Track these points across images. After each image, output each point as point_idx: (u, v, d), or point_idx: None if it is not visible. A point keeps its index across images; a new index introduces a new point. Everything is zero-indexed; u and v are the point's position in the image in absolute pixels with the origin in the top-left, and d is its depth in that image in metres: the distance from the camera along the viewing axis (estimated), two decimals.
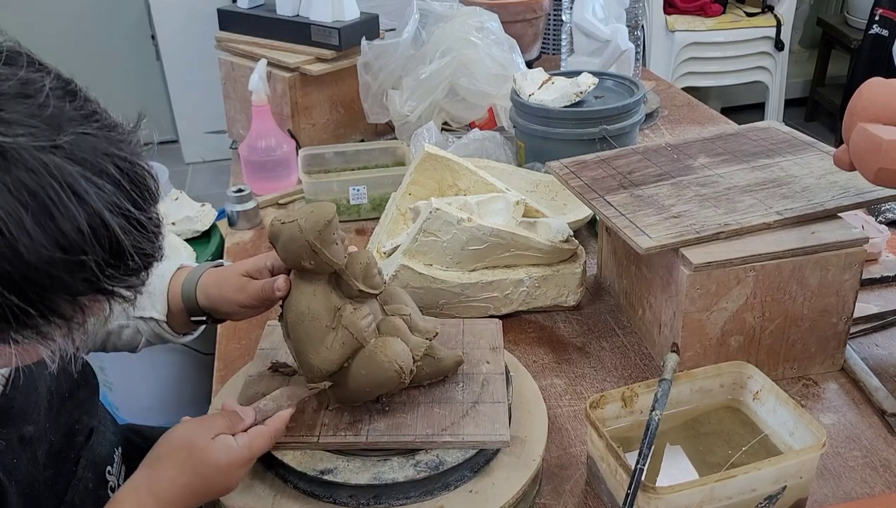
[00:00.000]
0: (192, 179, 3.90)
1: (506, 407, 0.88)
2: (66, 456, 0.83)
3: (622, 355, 1.14)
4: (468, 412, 0.87)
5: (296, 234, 0.82)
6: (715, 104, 3.95)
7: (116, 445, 0.95)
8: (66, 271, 0.56)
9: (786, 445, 0.88)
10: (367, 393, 0.86)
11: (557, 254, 1.21)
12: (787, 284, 1.00)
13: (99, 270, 0.58)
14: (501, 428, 0.85)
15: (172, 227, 1.64)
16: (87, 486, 0.86)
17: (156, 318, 0.99)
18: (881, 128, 0.89)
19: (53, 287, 0.56)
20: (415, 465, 0.82)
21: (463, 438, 0.84)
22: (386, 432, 0.85)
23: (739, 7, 3.81)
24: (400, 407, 0.88)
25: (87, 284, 0.58)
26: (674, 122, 1.99)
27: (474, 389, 0.91)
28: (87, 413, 0.87)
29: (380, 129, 1.90)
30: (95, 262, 0.57)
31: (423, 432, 0.85)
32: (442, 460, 0.83)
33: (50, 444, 0.81)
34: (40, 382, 0.81)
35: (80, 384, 0.87)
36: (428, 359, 0.90)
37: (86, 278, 0.58)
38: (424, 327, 0.91)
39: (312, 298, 0.85)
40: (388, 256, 1.22)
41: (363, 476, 0.81)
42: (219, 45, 1.89)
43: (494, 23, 1.77)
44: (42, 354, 0.62)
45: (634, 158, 1.23)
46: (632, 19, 2.01)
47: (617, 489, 0.84)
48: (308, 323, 0.84)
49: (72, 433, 0.84)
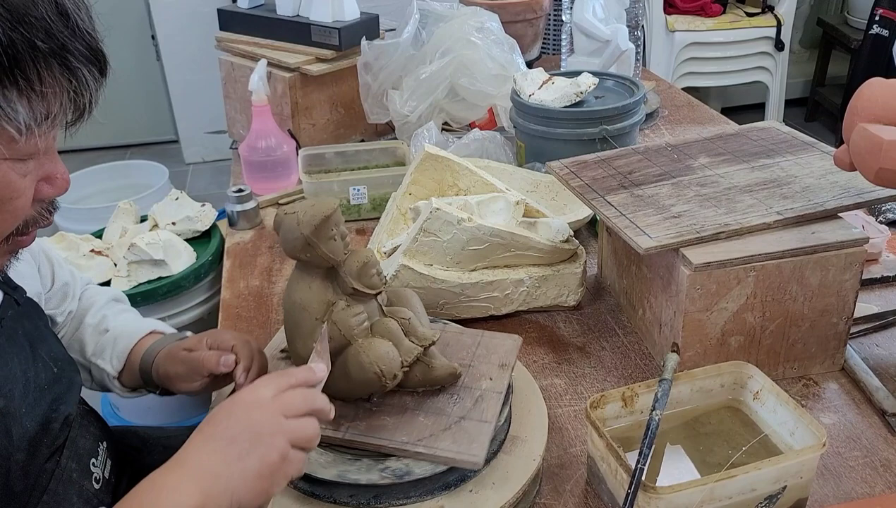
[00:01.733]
0: (193, 179, 3.90)
1: (491, 427, 0.84)
2: (40, 444, 0.84)
3: (622, 355, 1.14)
4: (451, 426, 0.84)
5: (293, 226, 0.84)
6: (715, 104, 3.95)
7: (101, 440, 0.96)
8: (21, 6, 0.62)
9: (786, 445, 0.88)
10: (350, 391, 0.87)
11: (558, 254, 1.21)
12: (787, 284, 1.00)
13: (48, 16, 0.63)
14: (477, 449, 0.81)
15: (173, 227, 1.65)
16: (70, 476, 0.86)
17: (107, 371, 1.03)
18: (881, 129, 0.88)
19: (15, 20, 0.62)
20: (381, 470, 0.81)
21: (435, 452, 0.81)
22: (364, 432, 0.84)
23: (739, 7, 3.81)
24: (387, 410, 0.87)
25: (42, 30, 0.63)
26: (674, 122, 1.99)
27: (466, 404, 0.87)
28: (65, 403, 0.88)
29: (380, 129, 1.90)
30: (45, 8, 0.63)
31: (399, 438, 0.83)
32: (410, 470, 0.81)
33: (24, 429, 0.81)
34: (13, 362, 0.82)
35: (58, 378, 0.88)
36: (422, 367, 0.88)
37: (40, 19, 0.63)
38: (422, 334, 0.89)
39: (307, 290, 0.86)
40: (388, 256, 1.23)
41: (328, 472, 0.81)
42: (219, 45, 1.89)
43: (494, 23, 1.77)
44: (9, 129, 0.64)
45: (635, 158, 1.23)
46: (632, 19, 2.01)
47: (617, 489, 0.84)
48: (299, 314, 0.86)
49: (47, 421, 0.84)
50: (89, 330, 1.06)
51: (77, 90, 0.67)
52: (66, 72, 0.66)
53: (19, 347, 0.84)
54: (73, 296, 1.07)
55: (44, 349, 0.88)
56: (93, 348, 1.05)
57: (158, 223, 1.66)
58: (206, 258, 1.62)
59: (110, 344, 1.04)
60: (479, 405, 0.87)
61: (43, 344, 0.89)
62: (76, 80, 0.67)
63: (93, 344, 1.05)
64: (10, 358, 0.82)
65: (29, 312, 0.89)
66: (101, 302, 1.10)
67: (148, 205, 1.73)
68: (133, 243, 1.54)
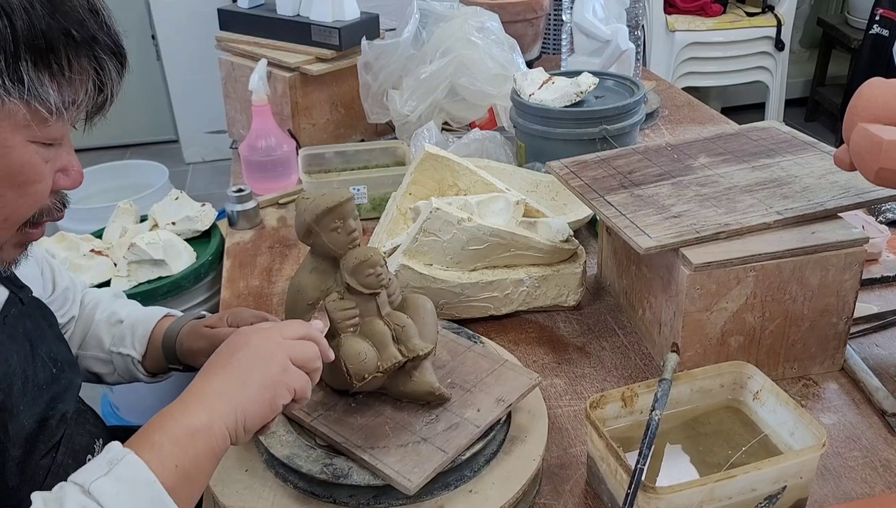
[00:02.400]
0: (193, 179, 3.90)
1: (446, 458, 0.80)
2: (37, 440, 0.84)
3: (622, 355, 1.14)
4: (409, 444, 0.82)
5: (301, 211, 0.87)
6: (715, 104, 3.95)
7: (97, 436, 0.96)
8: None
9: (786, 445, 0.88)
10: (330, 380, 0.88)
11: (557, 254, 1.21)
12: (787, 284, 1.00)
13: (82, 10, 0.70)
14: (417, 475, 0.77)
15: (173, 227, 1.65)
16: (66, 472, 0.86)
17: (132, 356, 1.05)
18: (882, 129, 0.88)
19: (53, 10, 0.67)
20: (325, 465, 0.81)
21: (377, 464, 0.79)
22: (329, 424, 0.85)
23: (740, 7, 3.81)
24: (363, 410, 0.87)
25: (76, 21, 0.69)
26: (674, 122, 1.99)
27: (437, 428, 0.84)
28: (63, 402, 0.89)
29: (380, 129, 1.90)
30: (79, 3, 0.70)
31: (353, 440, 0.82)
32: (350, 474, 0.80)
33: (21, 426, 0.82)
34: (13, 359, 0.82)
35: (57, 378, 0.89)
36: (403, 377, 0.87)
37: (75, 14, 0.69)
38: (413, 345, 0.87)
39: (308, 275, 0.89)
40: (388, 256, 1.23)
41: (281, 451, 0.83)
42: (219, 45, 1.89)
43: (495, 23, 1.77)
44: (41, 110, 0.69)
45: (635, 158, 1.23)
46: (632, 19, 2.01)
47: (617, 489, 0.84)
48: (294, 294, 0.89)
49: (44, 419, 0.85)
50: (103, 326, 1.08)
51: (102, 80, 0.73)
52: (93, 61, 0.72)
53: (20, 345, 0.85)
54: (73, 301, 1.08)
55: (44, 349, 0.88)
56: (110, 340, 1.06)
57: (158, 223, 1.66)
58: (206, 258, 1.62)
59: (129, 331, 1.06)
60: (448, 432, 0.83)
61: (43, 343, 0.89)
62: (102, 70, 0.73)
63: (110, 337, 1.07)
64: (11, 354, 0.83)
65: (32, 312, 0.90)
66: (106, 299, 1.12)
67: (148, 205, 1.73)
68: (133, 243, 1.54)
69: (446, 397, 0.87)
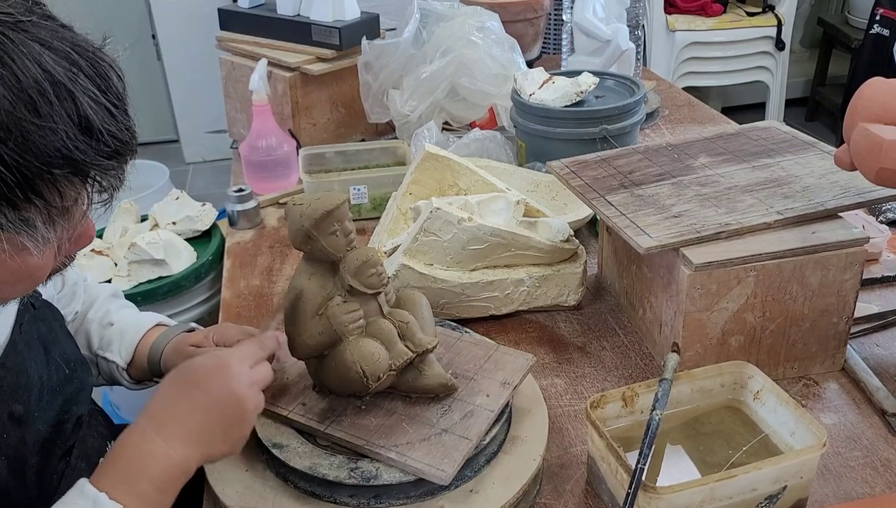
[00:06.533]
0: (193, 179, 3.90)
1: (471, 445, 0.82)
2: (53, 446, 0.84)
3: (623, 355, 1.14)
4: (431, 437, 0.83)
5: (296, 218, 0.85)
6: (715, 104, 3.95)
7: (109, 438, 0.96)
8: (37, 134, 0.59)
9: (786, 445, 0.88)
10: (337, 387, 0.87)
11: (558, 254, 1.21)
12: (787, 284, 1.00)
13: (68, 140, 0.61)
14: (448, 465, 0.79)
15: (173, 227, 1.65)
16: (80, 475, 0.87)
17: (117, 363, 1.04)
18: (882, 128, 0.88)
19: (26, 149, 0.59)
20: (352, 470, 0.81)
21: (406, 460, 0.80)
22: (345, 429, 0.85)
23: (740, 7, 3.81)
24: (375, 411, 0.87)
25: (60, 156, 0.61)
26: (674, 122, 1.99)
27: (454, 417, 0.86)
28: (77, 404, 0.89)
29: (380, 129, 1.90)
30: (65, 132, 0.61)
31: (376, 441, 0.83)
32: (380, 474, 0.80)
33: (38, 433, 0.82)
34: (31, 367, 0.82)
35: (70, 378, 0.89)
36: (414, 373, 0.88)
37: (57, 147, 0.60)
38: (419, 339, 0.88)
39: (307, 282, 0.87)
40: (388, 256, 1.23)
41: (301, 462, 0.82)
42: (219, 45, 1.89)
43: (495, 22, 1.77)
44: (27, 244, 0.64)
45: (635, 158, 1.23)
46: (632, 19, 2.01)
47: (617, 488, 0.84)
48: (297, 303, 0.87)
49: (59, 423, 0.85)
50: (94, 325, 1.07)
51: (103, 186, 0.68)
52: (88, 180, 0.65)
53: (35, 351, 0.85)
54: (79, 296, 1.08)
55: (57, 350, 0.89)
56: (98, 342, 1.06)
57: (159, 223, 1.66)
58: (207, 258, 1.62)
59: (117, 337, 1.05)
60: (466, 420, 0.85)
61: (56, 345, 0.89)
62: (101, 183, 0.67)
63: (98, 338, 1.06)
64: (28, 363, 0.83)
65: (44, 315, 0.90)
66: (103, 297, 1.11)
67: (148, 205, 1.73)
68: (133, 243, 1.54)
69: (455, 387, 0.89)
